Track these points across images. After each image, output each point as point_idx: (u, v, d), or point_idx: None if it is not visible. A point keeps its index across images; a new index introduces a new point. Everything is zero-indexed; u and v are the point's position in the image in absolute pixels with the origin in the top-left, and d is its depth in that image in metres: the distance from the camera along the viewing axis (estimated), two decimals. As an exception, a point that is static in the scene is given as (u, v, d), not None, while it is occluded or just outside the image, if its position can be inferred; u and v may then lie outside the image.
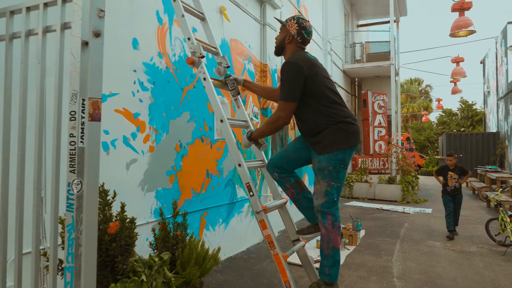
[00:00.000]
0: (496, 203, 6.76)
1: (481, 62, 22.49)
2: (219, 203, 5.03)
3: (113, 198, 2.37)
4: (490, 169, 14.50)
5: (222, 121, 2.67)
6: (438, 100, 21.88)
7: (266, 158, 3.15)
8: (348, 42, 14.10)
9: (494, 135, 18.92)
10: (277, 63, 6.82)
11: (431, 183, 16.84)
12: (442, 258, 5.48)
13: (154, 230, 2.94)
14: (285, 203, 2.89)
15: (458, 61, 12.15)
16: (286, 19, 3.01)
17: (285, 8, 7.38)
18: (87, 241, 1.77)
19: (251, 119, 5.90)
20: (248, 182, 2.61)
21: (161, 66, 3.98)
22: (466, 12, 7.53)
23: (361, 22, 16.97)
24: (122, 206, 2.41)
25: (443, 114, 26.83)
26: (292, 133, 7.92)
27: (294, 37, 2.91)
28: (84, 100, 1.74)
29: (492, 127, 21.25)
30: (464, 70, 12.11)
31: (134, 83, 3.61)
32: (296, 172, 3.05)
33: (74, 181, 1.75)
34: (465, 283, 4.42)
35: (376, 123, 13.57)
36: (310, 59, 2.84)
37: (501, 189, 7.80)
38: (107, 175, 2.95)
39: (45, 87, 1.95)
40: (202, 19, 3.17)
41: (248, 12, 5.95)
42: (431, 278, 4.59)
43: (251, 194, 2.57)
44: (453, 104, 79.89)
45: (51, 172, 1.87)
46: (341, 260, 5.16)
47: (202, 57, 2.74)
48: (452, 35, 7.41)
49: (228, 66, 3.00)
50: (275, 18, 3.19)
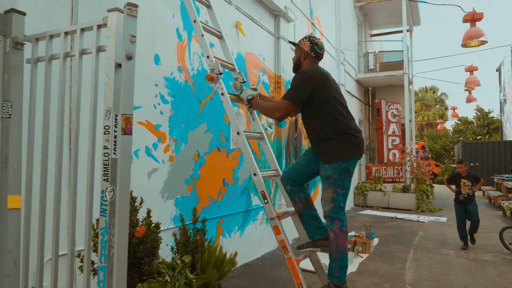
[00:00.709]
0: (510, 212, 6.76)
1: (496, 70, 22.29)
2: (235, 211, 5.19)
3: (140, 205, 2.57)
4: (507, 177, 14.32)
5: (238, 133, 2.85)
6: (453, 108, 21.75)
7: (280, 169, 3.32)
8: (361, 51, 14.22)
9: (511, 144, 18.69)
10: (290, 74, 7.00)
11: (447, 192, 16.68)
12: (455, 266, 5.52)
13: (175, 235, 3.12)
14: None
15: (471, 70, 12.15)
16: (299, 40, 3.27)
17: (298, 21, 7.58)
18: (119, 243, 1.96)
19: (266, 129, 6.08)
20: (263, 190, 2.78)
21: (180, 80, 4.20)
22: (479, 22, 7.62)
23: (374, 32, 17.07)
24: (148, 212, 2.61)
25: (459, 122, 26.58)
26: (305, 142, 8.06)
27: (308, 53, 3.16)
28: (117, 115, 1.94)
29: (509, 135, 20.98)
30: (478, 79, 12.09)
31: (156, 97, 3.83)
32: (306, 187, 3.23)
33: (107, 188, 1.95)
34: (477, 291, 4.48)
35: (390, 132, 13.59)
36: (323, 73, 3.06)
37: None
38: (131, 184, 3.15)
39: (80, 104, 2.16)
40: (220, 37, 3.39)
41: (262, 26, 6.16)
42: (444, 285, 4.65)
43: (266, 201, 2.74)
44: (469, 112, 78.75)
45: (86, 180, 2.07)
46: (354, 267, 5.28)
47: (220, 74, 2.94)
48: (464, 46, 7.49)
49: (244, 81, 3.20)
50: (290, 42, 3.46)
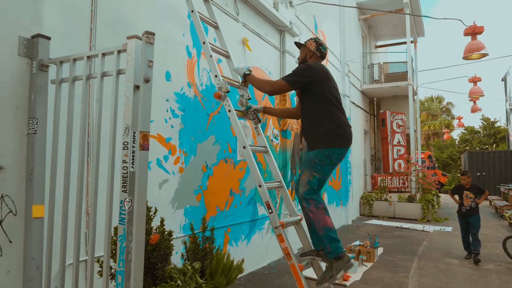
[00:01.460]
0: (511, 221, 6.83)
1: (502, 80, 22.34)
2: (242, 220, 5.36)
3: (154, 214, 2.75)
4: (514, 187, 14.33)
5: (244, 147, 3.04)
6: (459, 118, 21.80)
7: (286, 179, 3.49)
8: (366, 63, 14.41)
9: (518, 153, 18.68)
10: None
11: (453, 202, 16.66)
12: (458, 275, 5.62)
13: (185, 243, 3.30)
14: (300, 220, 3.21)
15: (475, 80, 12.28)
16: (305, 41, 3.53)
17: (303, 35, 7.79)
18: (136, 249, 2.14)
19: (271, 141, 6.27)
20: (267, 201, 2.95)
21: (190, 95, 4.41)
22: (479, 35, 7.79)
23: (379, 43, 17.28)
24: (162, 221, 2.80)
25: (465, 132, 26.56)
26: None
27: (314, 52, 3.41)
28: (135, 133, 2.14)
29: (516, 145, 20.95)
30: (481, 90, 12.21)
31: (167, 111, 4.04)
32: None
33: (126, 199, 2.14)
34: (479, 299, 4.58)
35: (395, 142, 13.71)
36: (325, 69, 3.32)
37: None
38: (144, 194, 3.35)
39: (101, 121, 2.37)
40: (227, 57, 3.59)
41: (268, 41, 6.38)
42: (446, 294, 4.76)
43: (270, 211, 2.92)
44: (475, 121, 78.35)
45: (106, 191, 2.26)
46: (358, 276, 5.41)
47: (228, 91, 3.15)
48: (465, 58, 7.66)
49: (249, 98, 3.39)
50: (295, 43, 3.66)
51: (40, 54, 2.57)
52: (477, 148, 24.54)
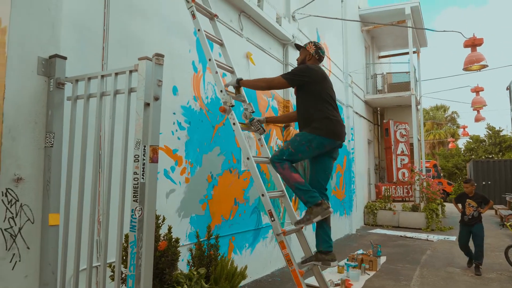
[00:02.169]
0: (513, 230, 6.88)
1: (507, 88, 22.38)
2: (246, 229, 5.50)
3: (162, 222, 2.92)
4: (519, 196, 14.31)
5: (248, 158, 3.21)
6: (464, 127, 21.84)
7: (287, 190, 3.64)
8: (369, 73, 14.59)
9: (524, 162, 18.65)
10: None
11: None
12: (460, 284, 5.70)
13: (191, 250, 3.45)
14: (301, 228, 3.35)
15: (477, 90, 12.39)
16: (305, 44, 3.73)
17: (305, 47, 7.99)
18: (146, 255, 2.30)
19: (275, 151, 6.42)
20: (270, 209, 3.10)
21: (195, 108, 4.60)
22: (479, 47, 7.94)
23: (382, 54, 17.47)
24: (169, 228, 2.96)
25: (471, 141, 26.54)
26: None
27: (313, 55, 3.61)
28: (145, 146, 2.32)
29: (521, 154, 20.91)
30: (484, 100, 12.32)
31: (174, 124, 4.23)
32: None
33: (136, 208, 2.31)
34: (478, 307, 4.66)
35: (398, 151, 13.81)
36: (322, 71, 3.53)
37: None
38: (152, 203, 3.52)
39: (114, 136, 2.55)
40: (232, 72, 3.78)
41: (271, 54, 6.58)
42: (446, 301, 4.85)
43: (272, 219, 3.07)
44: (481, 130, 77.98)
45: (118, 201, 2.43)
46: (361, 284, 5.51)
47: (232, 106, 3.33)
48: (465, 69, 7.80)
49: (253, 111, 3.57)
50: (295, 45, 3.88)
51: (57, 73, 2.76)
52: (482, 157, 24.51)
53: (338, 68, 10.64)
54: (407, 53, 14.38)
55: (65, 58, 2.83)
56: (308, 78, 3.36)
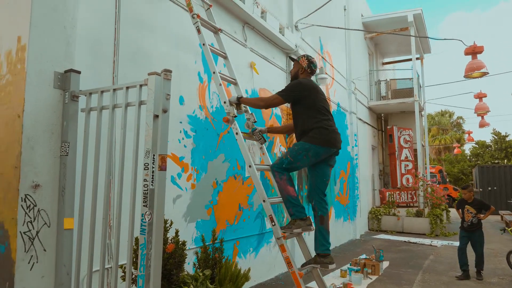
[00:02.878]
0: (515, 236, 6.93)
1: (512, 94, 22.37)
2: (250, 234, 5.66)
3: (170, 226, 3.09)
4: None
5: (250, 166, 3.38)
6: (468, 132, 21.85)
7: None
8: (373, 80, 14.73)
9: (530, 168, 18.62)
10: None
11: (464, 217, 16.65)
12: (460, 288, 5.80)
13: (197, 253, 3.62)
14: (301, 233, 3.51)
15: (480, 96, 12.49)
16: (298, 56, 3.95)
17: (308, 56, 8.18)
18: (155, 256, 2.47)
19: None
20: (271, 215, 3.27)
21: (201, 116, 4.78)
22: (480, 55, 8.08)
23: (386, 60, 17.61)
24: (176, 232, 3.13)
25: (476, 146, 26.50)
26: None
27: (305, 69, 3.83)
28: (154, 155, 2.50)
29: (527, 159, 20.86)
30: (487, 106, 12.40)
31: (180, 132, 4.41)
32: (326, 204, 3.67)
33: (146, 212, 2.48)
34: (477, 310, 4.76)
35: (402, 157, 13.90)
36: (313, 84, 3.75)
37: None
38: (160, 208, 3.70)
39: (125, 145, 2.73)
40: (235, 84, 3.97)
41: (275, 63, 6.77)
42: (445, 304, 4.95)
43: (273, 224, 3.24)
44: (487, 135, 77.51)
45: (129, 206, 2.61)
46: (362, 287, 5.62)
47: (235, 116, 3.51)
48: (466, 77, 7.94)
49: (255, 121, 3.75)
50: (290, 57, 4.06)
51: (72, 86, 2.96)
52: (488, 162, 24.47)
53: (342, 75, 10.81)
54: (411, 59, 14.53)
55: (79, 72, 3.03)
56: (300, 93, 3.56)
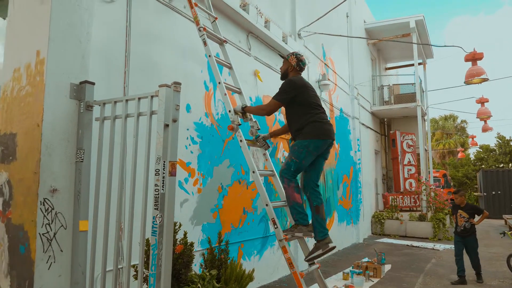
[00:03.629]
0: (514, 239, 7.04)
1: (516, 98, 22.43)
2: (254, 237, 5.82)
3: (178, 228, 3.27)
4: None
5: (254, 172, 3.56)
6: (472, 137, 21.90)
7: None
8: (375, 85, 14.88)
9: (534, 172, 18.63)
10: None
11: (467, 221, 16.68)
12: (460, 290, 5.92)
13: (203, 255, 3.79)
14: (302, 237, 3.68)
15: (482, 101, 12.61)
16: (288, 54, 4.13)
17: (311, 63, 8.38)
18: (165, 256, 2.65)
19: (282, 163, 6.76)
20: (273, 218, 3.45)
21: (207, 123, 4.97)
22: (480, 61, 8.24)
23: (389, 65, 17.77)
24: (185, 234, 3.31)
25: (481, 150, 26.51)
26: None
27: (294, 66, 4.02)
28: (165, 162, 2.68)
29: (531, 163, 20.86)
30: (489, 110, 12.52)
31: (187, 139, 4.60)
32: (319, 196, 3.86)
33: (157, 215, 2.66)
34: (475, 311, 4.89)
35: (405, 162, 14.01)
36: (303, 81, 3.94)
37: None
38: (168, 212, 3.88)
39: (137, 152, 2.92)
40: (239, 93, 4.16)
41: (278, 71, 6.94)
42: (445, 306, 5.08)
43: (276, 226, 3.42)
44: (491, 139, 77.18)
45: (141, 209, 2.80)
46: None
47: (239, 124, 3.70)
48: (466, 83, 8.09)
49: (258, 129, 3.93)
50: (280, 54, 4.24)
51: (86, 97, 3.16)
52: (492, 166, 24.48)
53: (344, 81, 10.98)
54: (413, 65, 14.67)
55: (93, 83, 3.23)
56: (294, 92, 3.75)
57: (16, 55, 3.27)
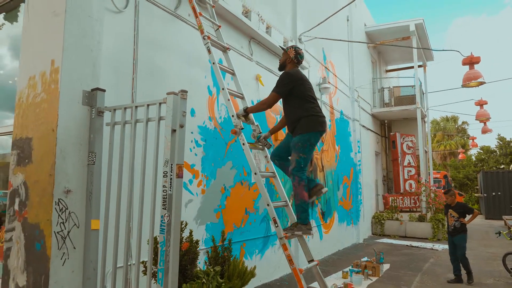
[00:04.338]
0: (510, 239, 7.21)
1: (516, 100, 22.55)
2: (256, 236, 6.01)
3: (184, 227, 3.46)
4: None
5: (255, 173, 3.75)
6: (472, 138, 22.05)
7: (287, 195, 4.17)
8: (376, 87, 15.05)
9: (534, 173, 18.75)
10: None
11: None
12: (456, 289, 6.08)
13: (207, 253, 3.98)
14: (301, 235, 3.87)
15: (481, 104, 12.77)
16: (287, 47, 4.33)
17: (312, 67, 8.56)
18: (173, 252, 2.84)
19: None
20: (274, 217, 3.63)
21: (210, 127, 5.17)
22: (477, 65, 8.41)
23: (389, 68, 17.93)
24: (190, 232, 3.50)
25: (481, 152, 26.63)
26: (320, 175, 8.85)
27: (292, 59, 4.20)
28: (172, 164, 2.87)
29: (531, 165, 20.97)
30: (488, 112, 12.68)
31: (191, 142, 4.79)
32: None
33: (165, 214, 2.85)
34: (470, 308, 5.06)
35: (405, 163, 14.17)
36: (300, 75, 4.11)
37: None
38: (174, 212, 4.07)
39: (146, 156, 3.12)
40: (242, 98, 4.36)
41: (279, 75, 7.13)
42: (440, 303, 5.25)
43: (276, 225, 3.60)
44: (492, 141, 77.13)
45: (150, 209, 2.99)
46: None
47: (242, 128, 3.90)
48: (464, 86, 8.26)
49: (260, 132, 4.13)
50: (280, 47, 4.44)
51: (98, 103, 3.36)
52: (493, 167, 24.61)
53: (345, 84, 11.16)
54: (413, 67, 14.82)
55: (104, 90, 3.43)
56: (291, 84, 3.94)
57: (31, 64, 3.47)
